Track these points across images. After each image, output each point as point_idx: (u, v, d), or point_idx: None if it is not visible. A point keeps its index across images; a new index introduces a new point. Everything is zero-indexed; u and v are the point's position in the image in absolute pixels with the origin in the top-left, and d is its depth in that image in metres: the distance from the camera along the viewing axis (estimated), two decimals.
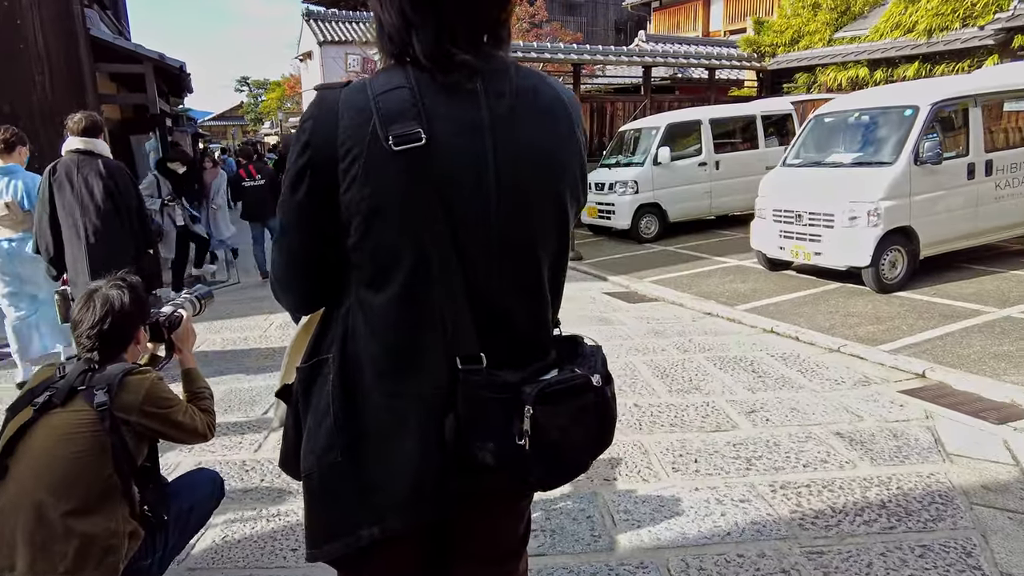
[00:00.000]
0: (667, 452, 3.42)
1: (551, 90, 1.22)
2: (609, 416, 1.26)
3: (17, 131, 4.59)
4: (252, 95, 61.45)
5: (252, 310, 7.35)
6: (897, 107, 6.68)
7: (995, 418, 3.71)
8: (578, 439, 1.22)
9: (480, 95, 1.14)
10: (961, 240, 6.85)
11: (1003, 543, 2.56)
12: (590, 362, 1.27)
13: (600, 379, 1.22)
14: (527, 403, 1.12)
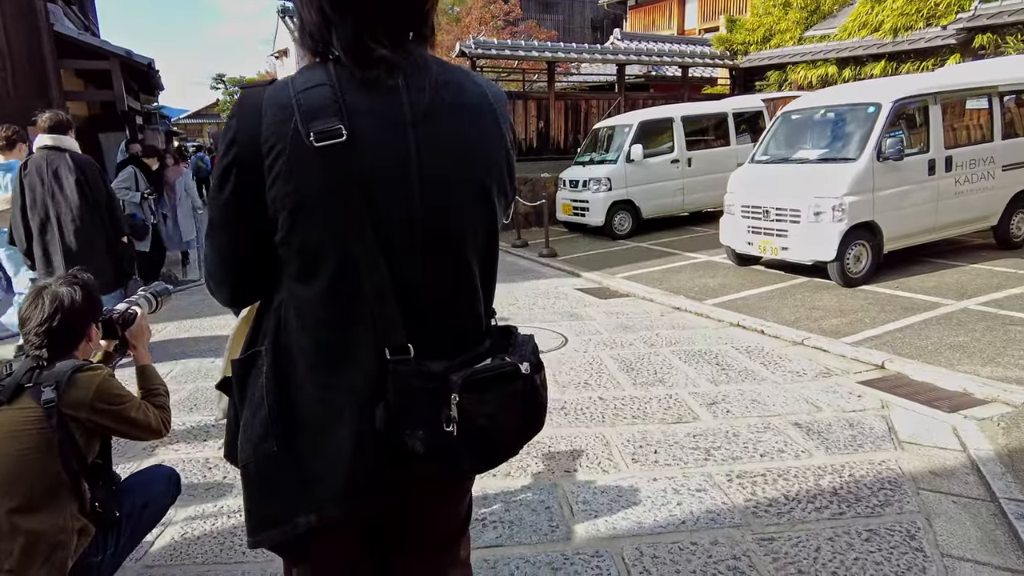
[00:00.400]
0: (628, 444, 3.47)
1: (475, 86, 1.25)
2: (538, 402, 1.29)
3: (18, 129, 4.87)
4: (228, 93, 60.76)
5: (221, 309, 7.29)
6: (860, 104, 6.81)
7: (947, 406, 3.81)
8: (507, 425, 1.25)
9: (401, 90, 1.16)
10: (923, 234, 7.00)
11: (946, 526, 2.64)
12: (521, 351, 1.30)
13: (529, 367, 1.25)
14: (453, 391, 1.14)
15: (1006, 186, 7.24)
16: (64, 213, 4.36)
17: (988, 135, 7.12)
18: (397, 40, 1.16)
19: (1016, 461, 3.09)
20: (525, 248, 10.47)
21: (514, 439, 1.29)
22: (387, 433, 1.16)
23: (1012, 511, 2.68)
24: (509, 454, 1.32)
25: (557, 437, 3.57)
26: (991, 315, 5.33)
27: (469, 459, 1.23)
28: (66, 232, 4.38)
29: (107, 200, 4.60)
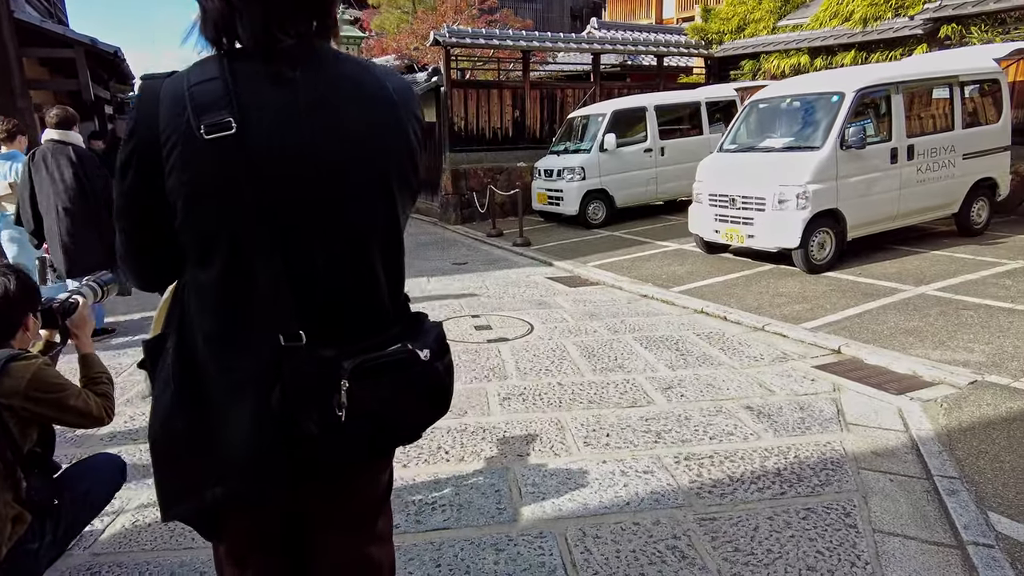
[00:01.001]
0: (582, 428, 3.51)
1: (375, 79, 1.26)
2: (439, 388, 1.33)
3: (17, 122, 5.49)
4: None
5: None
6: (825, 93, 6.88)
7: (895, 389, 3.90)
8: (404, 410, 1.28)
9: (297, 82, 1.17)
10: (886, 222, 7.12)
11: (881, 503, 2.72)
12: (424, 338, 1.32)
13: (429, 354, 1.28)
14: (343, 377, 1.17)
15: (967, 174, 7.37)
16: (61, 199, 4.89)
17: (949, 124, 7.24)
18: (301, 32, 1.18)
19: (954, 440, 3.18)
20: (500, 238, 10.49)
21: (413, 424, 1.33)
22: (284, 415, 1.19)
23: (944, 487, 2.76)
24: (408, 438, 1.36)
25: (513, 422, 3.61)
26: (946, 300, 5.45)
27: (362, 441, 1.26)
28: (61, 217, 4.92)
29: (104, 190, 5.03)
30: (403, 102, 1.27)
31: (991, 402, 3.57)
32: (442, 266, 8.59)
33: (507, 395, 4.01)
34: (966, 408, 3.53)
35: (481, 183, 11.86)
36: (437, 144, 12.54)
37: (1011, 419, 3.36)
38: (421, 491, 2.96)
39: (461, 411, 3.79)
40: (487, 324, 5.69)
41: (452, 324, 5.72)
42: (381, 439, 1.30)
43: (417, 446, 3.38)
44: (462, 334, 5.40)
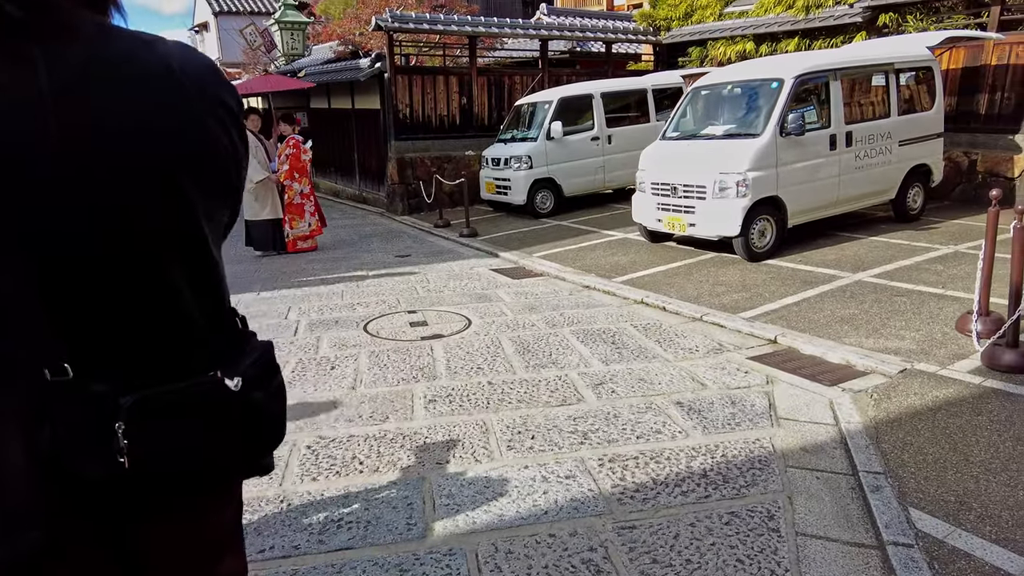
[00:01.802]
0: (507, 430, 3.36)
1: (155, 59, 1.04)
2: (255, 421, 1.14)
3: None
4: None
5: None
6: (764, 80, 6.84)
7: (829, 380, 3.85)
8: (215, 448, 1.09)
9: (39, 62, 0.95)
10: (827, 208, 7.14)
11: (806, 503, 2.63)
12: (240, 363, 1.13)
13: (241, 382, 1.09)
14: (120, 417, 0.97)
15: (903, 160, 7.44)
16: None
17: (886, 111, 7.29)
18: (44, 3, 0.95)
19: (881, 433, 3.13)
20: (447, 228, 10.27)
21: (222, 462, 1.13)
22: (56, 459, 0.99)
23: (868, 483, 2.69)
24: (219, 480, 1.16)
25: (437, 427, 3.44)
26: (881, 287, 5.46)
27: (166, 485, 1.06)
28: None
29: None
30: (195, 85, 1.06)
31: (918, 391, 3.54)
32: (383, 259, 8.33)
33: (433, 397, 3.83)
34: (894, 399, 3.49)
35: (428, 172, 11.59)
36: (382, 132, 12.21)
37: (936, 408, 3.33)
38: (328, 507, 2.76)
39: (383, 416, 3.59)
40: (423, 320, 5.49)
41: (386, 321, 5.50)
42: (192, 481, 1.11)
43: (330, 456, 3.18)
44: (395, 332, 5.19)
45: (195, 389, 1.04)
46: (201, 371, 1.11)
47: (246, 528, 2.62)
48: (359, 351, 4.72)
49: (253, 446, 1.16)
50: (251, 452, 1.17)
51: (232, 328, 1.23)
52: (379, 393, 3.92)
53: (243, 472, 1.23)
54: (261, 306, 6.19)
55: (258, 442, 1.17)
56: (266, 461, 1.33)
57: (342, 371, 4.32)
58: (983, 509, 2.49)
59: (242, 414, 1.10)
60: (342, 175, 15.28)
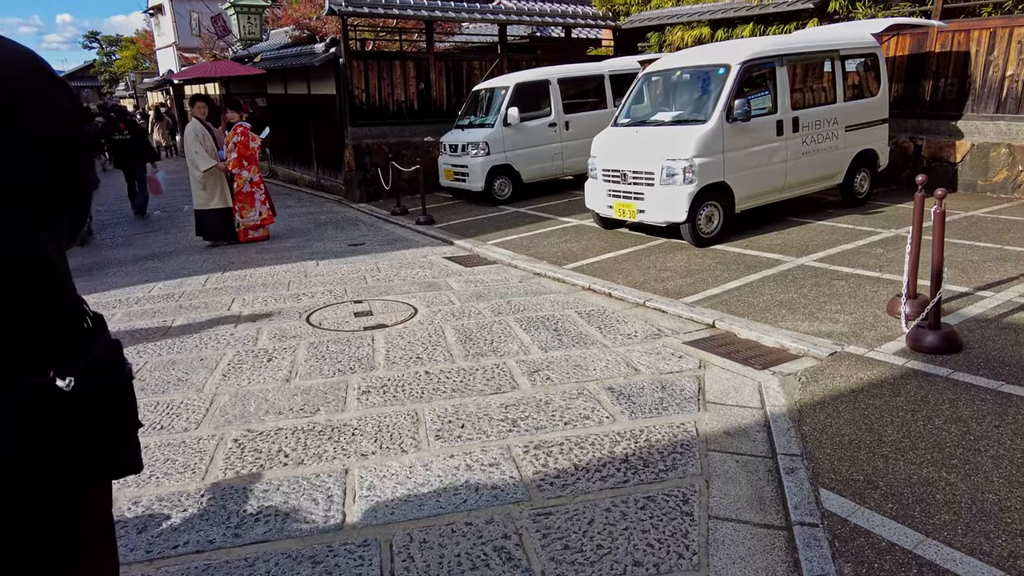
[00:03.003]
0: (438, 419, 3.35)
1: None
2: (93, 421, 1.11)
3: None
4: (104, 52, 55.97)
5: None
6: (711, 66, 6.88)
7: (761, 364, 3.91)
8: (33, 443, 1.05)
9: None
10: (774, 194, 7.23)
11: (722, 487, 2.68)
12: (78, 363, 1.10)
13: (73, 382, 1.06)
14: None
15: (849, 146, 7.56)
16: None
17: (832, 97, 7.39)
18: None
19: (804, 415, 3.19)
20: (404, 216, 10.18)
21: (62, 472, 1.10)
22: None
23: (784, 466, 2.75)
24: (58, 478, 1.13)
25: (367, 418, 3.41)
26: (822, 271, 5.56)
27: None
28: None
29: None
30: (12, 80, 1.01)
31: (844, 374, 3.62)
32: (336, 248, 8.23)
33: (368, 388, 3.80)
34: (821, 381, 3.56)
35: (386, 159, 11.45)
36: (338, 119, 12.02)
37: (858, 390, 3.40)
38: (249, 500, 2.73)
39: (314, 409, 3.56)
40: (368, 310, 5.44)
41: (331, 311, 5.44)
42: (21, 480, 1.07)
43: (256, 450, 3.15)
44: (338, 322, 5.13)
45: (17, 388, 1.01)
46: (31, 369, 1.08)
47: (162, 525, 2.58)
48: (299, 343, 4.66)
49: (95, 446, 1.13)
50: (95, 452, 1.14)
51: (73, 327, 1.19)
52: (313, 385, 3.88)
53: (92, 471, 1.20)
54: (204, 298, 6.08)
55: (100, 442, 1.14)
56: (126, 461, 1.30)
57: (278, 363, 4.26)
58: (888, 487, 2.56)
59: (76, 414, 1.07)
60: (299, 163, 15.04)
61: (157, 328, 5.20)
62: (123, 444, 1.20)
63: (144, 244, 9.33)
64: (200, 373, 4.17)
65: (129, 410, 1.22)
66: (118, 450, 1.22)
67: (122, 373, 1.19)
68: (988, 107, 8.28)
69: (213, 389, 3.90)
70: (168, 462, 3.08)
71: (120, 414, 1.17)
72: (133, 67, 44.35)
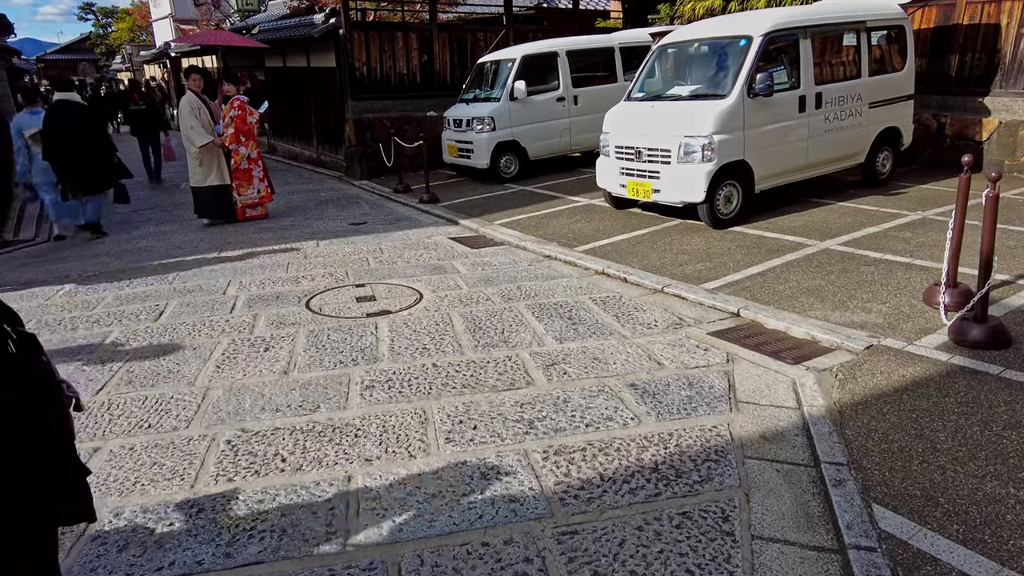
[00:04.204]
0: (448, 419, 3.10)
1: None
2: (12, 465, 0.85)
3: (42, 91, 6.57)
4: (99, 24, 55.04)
5: (43, 275, 6.41)
6: (732, 37, 6.52)
7: (792, 357, 3.65)
8: None
9: None
10: (795, 173, 6.91)
11: (764, 501, 2.43)
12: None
13: None
14: None
15: (872, 123, 7.22)
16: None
17: (856, 72, 7.03)
18: None
19: (845, 418, 2.94)
20: (407, 194, 9.86)
21: None
22: None
23: (830, 477, 2.49)
24: None
25: (371, 417, 3.16)
26: (848, 255, 5.28)
27: None
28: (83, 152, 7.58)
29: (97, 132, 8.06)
30: None
31: (884, 370, 3.36)
32: (337, 227, 7.94)
33: (372, 383, 3.54)
34: (860, 378, 3.30)
35: (388, 134, 11.09)
36: (338, 92, 11.64)
37: (902, 389, 3.14)
38: (243, 511, 2.49)
39: (313, 406, 3.30)
40: (371, 295, 5.17)
41: (331, 296, 5.17)
42: None
43: (251, 453, 2.90)
44: (339, 308, 4.87)
45: None
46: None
47: (146, 542, 2.34)
48: (298, 330, 4.40)
49: (21, 495, 0.88)
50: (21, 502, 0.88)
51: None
52: (313, 379, 3.62)
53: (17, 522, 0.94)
54: (199, 280, 5.80)
55: (28, 490, 0.88)
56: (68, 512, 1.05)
57: (276, 354, 4.00)
58: (950, 505, 2.31)
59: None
60: (299, 138, 14.66)
61: (148, 312, 4.93)
62: (61, 493, 0.94)
63: (138, 221, 9.03)
64: (192, 364, 3.92)
65: (64, 452, 0.96)
66: (57, 501, 0.95)
67: (54, 408, 0.93)
68: (1018, 83, 7.90)
69: (206, 382, 3.65)
70: (155, 466, 2.84)
71: (53, 457, 0.91)
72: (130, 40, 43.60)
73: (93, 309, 5.12)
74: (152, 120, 12.53)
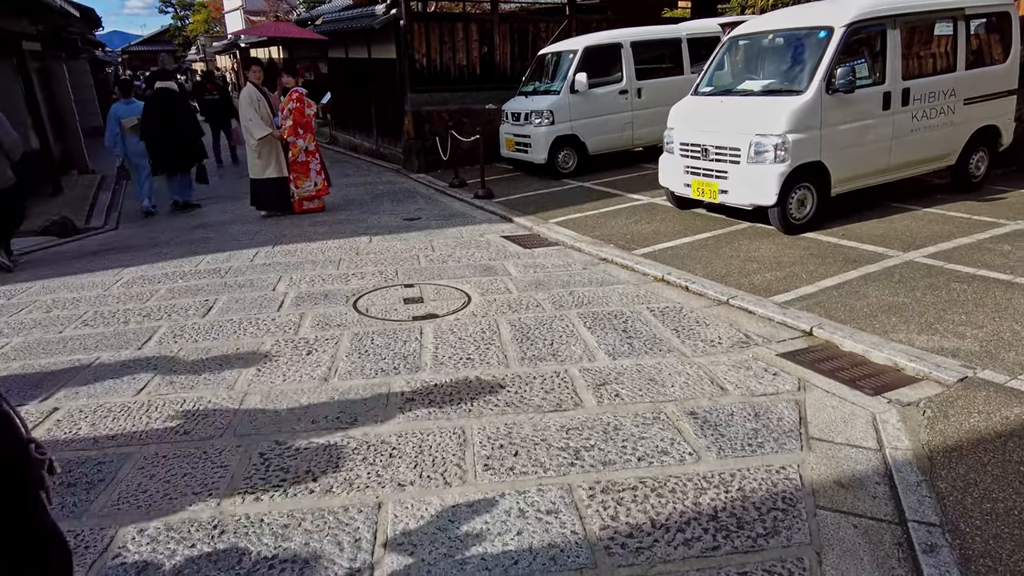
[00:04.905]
0: (488, 442, 2.89)
1: None
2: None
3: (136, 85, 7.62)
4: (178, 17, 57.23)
5: (106, 263, 6.54)
6: (810, 28, 6.04)
7: (871, 387, 3.28)
8: None
9: None
10: (876, 175, 6.39)
11: (839, 563, 2.12)
12: None
13: None
14: None
15: (967, 121, 6.60)
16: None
17: (951, 64, 6.42)
18: None
19: (936, 466, 2.58)
20: (462, 188, 9.72)
21: None
22: None
23: (920, 540, 2.16)
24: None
25: (409, 434, 2.99)
26: (936, 269, 4.79)
27: None
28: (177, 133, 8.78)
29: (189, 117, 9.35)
30: None
31: (983, 409, 2.96)
32: (391, 222, 7.85)
33: (412, 395, 3.37)
34: (953, 417, 2.92)
35: (446, 126, 10.95)
36: (398, 84, 11.57)
37: (1006, 435, 2.75)
38: (266, 537, 2.35)
39: (351, 418, 3.15)
40: (419, 296, 5.02)
41: (379, 296, 5.05)
42: None
43: (282, 468, 2.77)
44: (386, 309, 4.73)
45: None
46: None
47: (164, 566, 2.22)
48: (342, 333, 4.28)
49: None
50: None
51: None
52: (353, 387, 3.48)
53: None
54: (251, 275, 5.78)
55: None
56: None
57: (318, 358, 3.88)
58: None
59: None
60: (359, 129, 14.72)
61: (198, 308, 4.91)
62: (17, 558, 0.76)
63: (200, 212, 9.19)
64: (233, 365, 3.84)
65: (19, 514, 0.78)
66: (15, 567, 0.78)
67: None
68: None
69: (245, 386, 3.56)
70: (185, 477, 2.74)
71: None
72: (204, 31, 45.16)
73: (146, 302, 5.14)
74: (225, 109, 13.60)
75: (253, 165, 8.40)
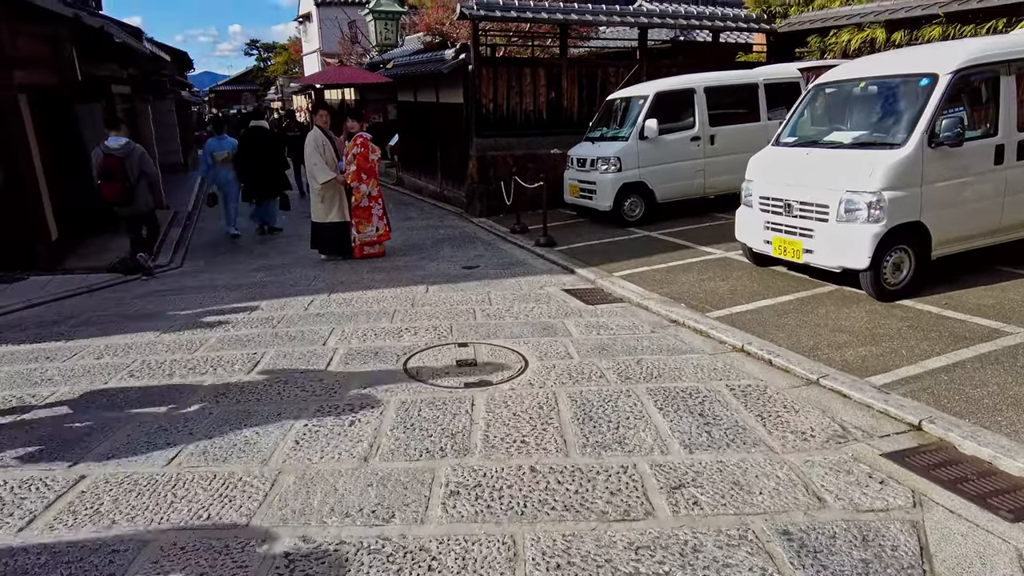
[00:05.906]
0: (542, 558, 2.47)
1: None
2: None
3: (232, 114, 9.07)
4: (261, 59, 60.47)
5: (163, 306, 6.50)
6: (910, 76, 5.51)
7: (1009, 509, 2.71)
8: None
9: None
10: (984, 237, 5.73)
11: None
12: None
13: None
14: None
15: None
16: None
17: None
18: None
19: None
20: (523, 235, 9.46)
21: None
22: None
23: None
24: None
25: (449, 540, 2.60)
26: None
27: None
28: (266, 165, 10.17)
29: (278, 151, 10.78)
30: None
31: None
32: (449, 270, 7.61)
33: (458, 486, 3.00)
34: None
35: (510, 171, 10.77)
36: (464, 128, 11.51)
37: None
38: None
39: (388, 513, 2.80)
40: (472, 358, 4.68)
41: (431, 356, 4.74)
42: None
43: (306, 574, 2.42)
44: (437, 373, 4.41)
45: None
46: None
47: None
48: (389, 399, 3.97)
49: None
50: None
51: None
52: (394, 471, 3.13)
53: None
54: (304, 325, 5.59)
55: None
56: None
57: (360, 431, 3.57)
58: None
59: None
60: (425, 172, 14.77)
61: (245, 362, 4.72)
62: None
63: (262, 252, 9.22)
64: (271, 435, 3.57)
65: None
66: None
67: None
68: None
69: (279, 463, 3.26)
70: None
71: None
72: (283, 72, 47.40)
73: (194, 352, 4.99)
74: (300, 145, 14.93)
75: (316, 209, 8.37)
